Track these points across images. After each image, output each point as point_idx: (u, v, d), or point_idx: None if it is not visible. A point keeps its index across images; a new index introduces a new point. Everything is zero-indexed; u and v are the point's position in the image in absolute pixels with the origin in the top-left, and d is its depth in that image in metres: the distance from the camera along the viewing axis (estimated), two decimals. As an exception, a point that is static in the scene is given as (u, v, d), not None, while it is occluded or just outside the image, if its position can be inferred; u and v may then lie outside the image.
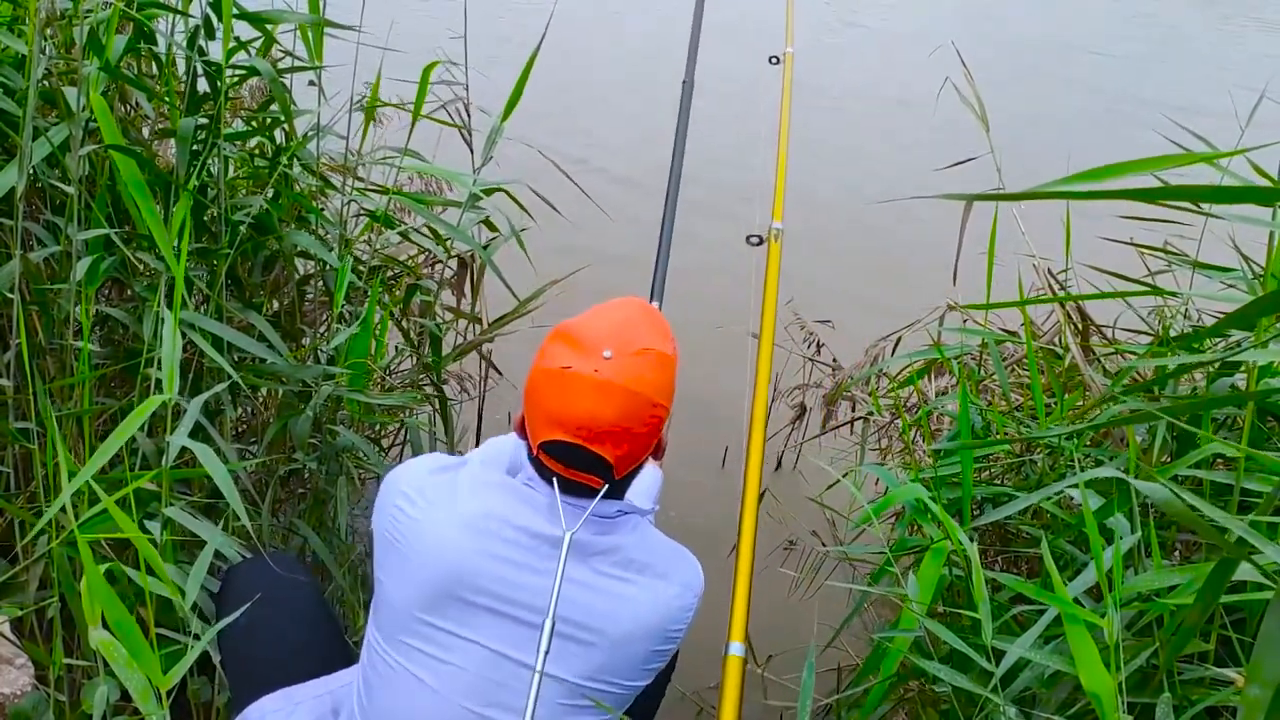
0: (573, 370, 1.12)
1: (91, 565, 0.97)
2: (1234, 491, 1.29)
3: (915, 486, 1.47)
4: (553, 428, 1.12)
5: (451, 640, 1.13)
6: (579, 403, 1.11)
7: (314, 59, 1.73)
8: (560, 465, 1.15)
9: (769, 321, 1.70)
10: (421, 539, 1.15)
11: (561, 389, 1.12)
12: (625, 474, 1.17)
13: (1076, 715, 1.20)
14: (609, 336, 1.15)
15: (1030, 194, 0.55)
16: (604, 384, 1.11)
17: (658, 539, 1.23)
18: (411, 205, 2.02)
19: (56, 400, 1.61)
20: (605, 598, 1.14)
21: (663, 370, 1.18)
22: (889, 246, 4.01)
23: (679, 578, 1.19)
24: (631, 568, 1.16)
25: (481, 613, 1.13)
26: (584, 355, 1.13)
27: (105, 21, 1.51)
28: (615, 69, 5.87)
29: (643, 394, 1.13)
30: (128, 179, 1.36)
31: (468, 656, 1.13)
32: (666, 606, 1.17)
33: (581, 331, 1.16)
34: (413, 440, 2.09)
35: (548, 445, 1.14)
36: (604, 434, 1.11)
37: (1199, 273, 1.67)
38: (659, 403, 1.16)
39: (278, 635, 1.38)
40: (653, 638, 1.16)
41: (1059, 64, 6.77)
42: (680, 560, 1.22)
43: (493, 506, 1.16)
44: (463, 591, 1.13)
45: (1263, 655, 0.51)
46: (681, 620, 1.19)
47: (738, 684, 1.14)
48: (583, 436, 1.11)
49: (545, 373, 1.15)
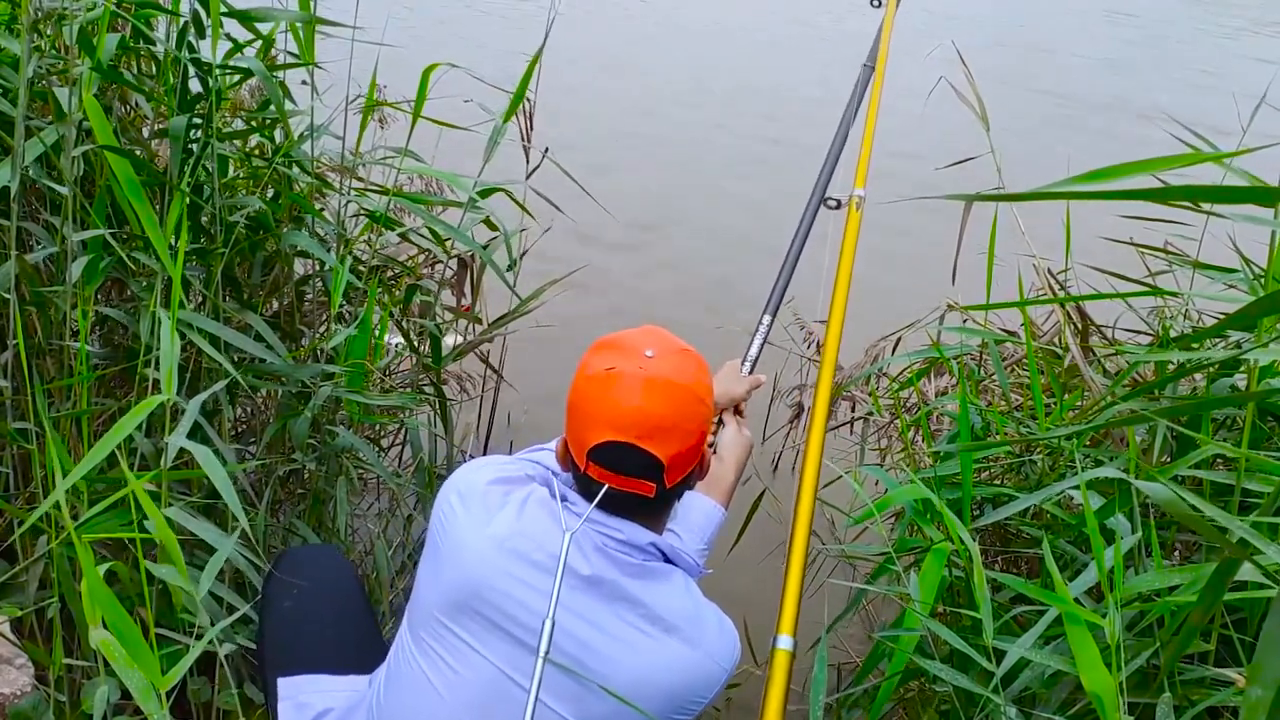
0: (618, 370, 1.12)
1: (90, 566, 0.97)
2: (1234, 492, 1.29)
3: (916, 487, 1.47)
4: (602, 429, 1.10)
5: (464, 649, 1.13)
6: (628, 399, 1.10)
7: (306, 57, 1.72)
8: (610, 473, 1.11)
9: (841, 293, 1.60)
10: (456, 543, 1.15)
11: (608, 389, 1.11)
12: (675, 484, 1.15)
13: (1077, 715, 1.20)
14: (648, 341, 1.16)
15: (1031, 195, 0.55)
16: (651, 379, 1.11)
17: (696, 602, 1.18)
18: (410, 206, 2.02)
19: (56, 401, 1.61)
20: (613, 643, 1.11)
21: (704, 371, 1.18)
22: (889, 246, 4.02)
23: (708, 649, 1.14)
24: (658, 625, 1.12)
25: (495, 630, 1.12)
26: (627, 357, 1.13)
27: (96, 21, 1.51)
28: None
29: (690, 388, 1.13)
30: (122, 179, 1.36)
31: (475, 670, 1.12)
32: (684, 675, 1.12)
33: (620, 339, 1.16)
34: (412, 440, 2.09)
35: (597, 452, 1.11)
36: (655, 430, 1.10)
37: (1199, 273, 1.67)
38: (704, 399, 1.15)
39: (326, 622, 1.39)
40: (666, 701, 1.12)
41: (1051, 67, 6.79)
42: (715, 631, 1.17)
43: (531, 528, 1.14)
44: (480, 606, 1.12)
45: (1264, 657, 0.51)
46: (703, 693, 1.14)
47: (784, 678, 1.10)
48: (634, 434, 1.09)
49: (589, 378, 1.13)
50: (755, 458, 2.69)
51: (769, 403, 2.78)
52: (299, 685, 1.31)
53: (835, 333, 1.55)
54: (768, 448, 2.81)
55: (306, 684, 1.31)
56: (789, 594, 1.21)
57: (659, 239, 4.17)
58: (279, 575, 1.41)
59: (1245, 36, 9.67)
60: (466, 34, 6.58)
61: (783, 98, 6.21)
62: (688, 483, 1.19)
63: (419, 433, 2.10)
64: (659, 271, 3.90)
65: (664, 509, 1.21)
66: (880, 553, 1.62)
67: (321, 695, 1.30)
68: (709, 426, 1.18)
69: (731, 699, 1.90)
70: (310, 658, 1.35)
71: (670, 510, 1.23)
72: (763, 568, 2.05)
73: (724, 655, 1.16)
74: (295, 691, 1.31)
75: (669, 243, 4.15)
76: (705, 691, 1.14)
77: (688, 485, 1.20)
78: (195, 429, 1.39)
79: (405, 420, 2.13)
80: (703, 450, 1.18)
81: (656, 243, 4.13)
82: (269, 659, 1.37)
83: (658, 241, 4.15)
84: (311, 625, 1.38)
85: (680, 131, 5.46)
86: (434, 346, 2.09)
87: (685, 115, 5.71)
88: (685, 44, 7.39)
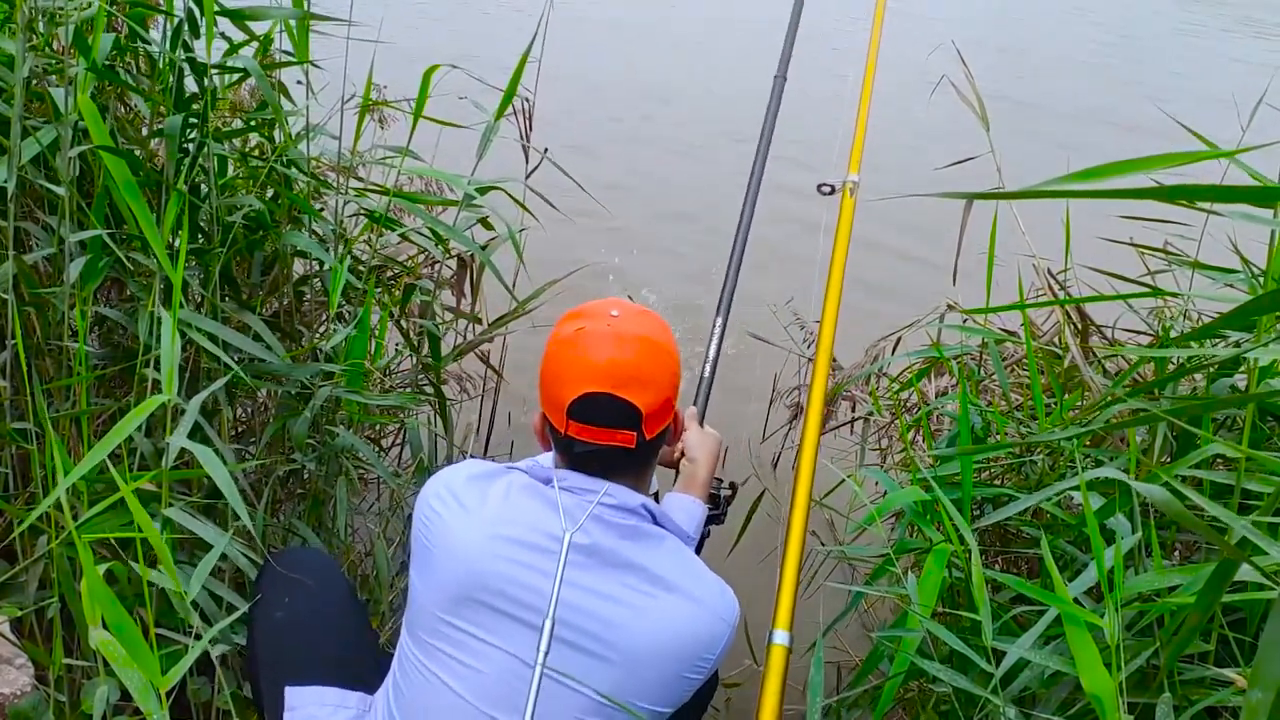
0: (586, 329, 1.16)
1: (90, 566, 0.97)
2: (1234, 492, 1.29)
3: (916, 490, 1.47)
4: (578, 383, 1.14)
5: (472, 642, 1.14)
6: (599, 351, 1.14)
7: (301, 56, 1.72)
8: (591, 427, 1.15)
9: (836, 279, 1.58)
10: (447, 541, 1.17)
11: (579, 347, 1.15)
12: (653, 438, 1.18)
13: (1076, 715, 1.20)
14: (612, 304, 1.21)
15: (1026, 193, 0.55)
16: (620, 333, 1.16)
17: (694, 565, 1.21)
18: (408, 206, 2.01)
19: (55, 401, 1.61)
20: (622, 609, 1.13)
21: (666, 331, 1.22)
22: (889, 245, 4.02)
23: (711, 605, 1.17)
24: (659, 585, 1.15)
25: (500, 617, 1.13)
26: (594, 319, 1.18)
27: (91, 20, 1.51)
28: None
29: (658, 341, 1.18)
30: (119, 179, 1.36)
31: (486, 660, 1.13)
32: (694, 632, 1.15)
33: (585, 307, 1.22)
34: (412, 440, 2.09)
35: (575, 406, 1.14)
36: (630, 379, 1.13)
37: (1199, 273, 1.66)
38: (672, 354, 1.19)
39: (319, 630, 1.39)
40: (677, 661, 1.14)
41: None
42: (716, 589, 1.19)
43: (519, 512, 1.16)
44: (482, 595, 1.13)
45: (1265, 659, 0.51)
46: (710, 650, 1.16)
47: (780, 674, 1.12)
48: (610, 384, 1.13)
49: (560, 342, 1.18)
50: (756, 458, 2.72)
51: (769, 403, 2.78)
52: (304, 696, 1.30)
53: (831, 319, 1.56)
54: (768, 448, 2.81)
55: (312, 696, 1.30)
56: (784, 589, 1.21)
57: (659, 238, 4.17)
58: (272, 575, 1.40)
59: (1230, 38, 9.68)
60: (467, 34, 6.58)
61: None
62: (663, 440, 1.22)
63: (419, 433, 2.10)
64: (660, 271, 3.90)
65: (646, 466, 1.25)
66: (879, 554, 1.62)
67: (324, 709, 1.29)
68: (678, 381, 1.21)
69: (731, 699, 1.90)
70: (312, 668, 1.34)
71: (651, 469, 1.27)
72: (762, 568, 2.05)
73: (726, 610, 1.18)
74: (302, 702, 1.30)
75: (669, 242, 4.15)
76: (713, 647, 1.17)
77: (663, 443, 1.23)
78: (195, 429, 1.39)
79: (405, 420, 2.13)
80: (674, 408, 1.22)
81: (656, 242, 4.13)
82: (265, 661, 1.36)
83: (658, 241, 4.14)
84: (305, 633, 1.38)
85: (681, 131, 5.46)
86: (433, 346, 2.09)
87: (685, 115, 5.71)
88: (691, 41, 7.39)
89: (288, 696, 1.29)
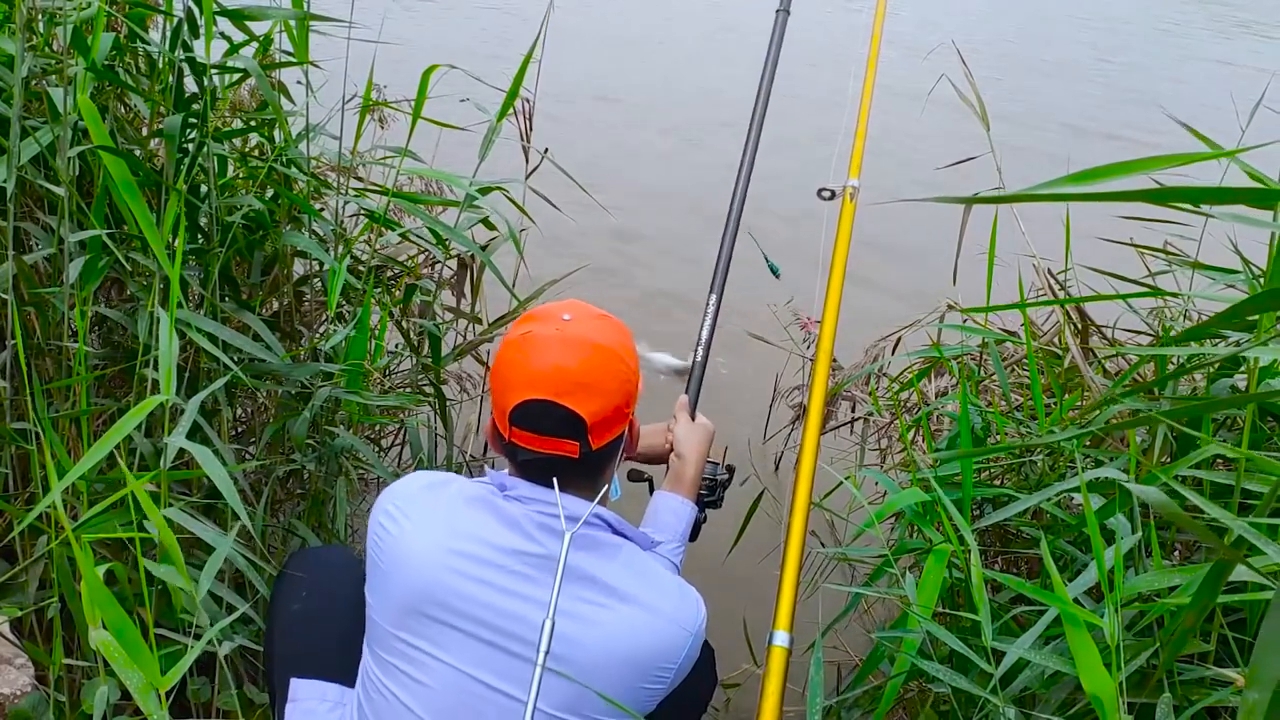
0: (534, 333, 1.13)
1: (89, 567, 0.97)
2: (1234, 493, 1.29)
3: (916, 490, 1.47)
4: (521, 389, 1.10)
5: (424, 658, 1.12)
6: (544, 357, 1.11)
7: (301, 56, 1.72)
8: (532, 434, 1.11)
9: (836, 283, 1.57)
10: (396, 555, 1.15)
11: (525, 351, 1.12)
12: (601, 448, 1.14)
13: (1076, 715, 1.20)
14: (566, 308, 1.17)
15: (1023, 196, 0.55)
16: (567, 338, 1.12)
17: (653, 572, 1.17)
18: (407, 207, 2.01)
19: (55, 401, 1.61)
20: (575, 623, 1.09)
21: (623, 336, 1.18)
22: (889, 245, 4.02)
23: (668, 614, 1.14)
24: (613, 596, 1.11)
25: (450, 631, 1.11)
26: (544, 322, 1.15)
27: (91, 20, 1.51)
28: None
29: (608, 347, 1.13)
30: (118, 179, 1.36)
31: (438, 676, 1.11)
32: (651, 642, 1.11)
33: (539, 309, 1.19)
34: (412, 440, 2.09)
35: (517, 413, 1.11)
36: (574, 386, 1.10)
37: (1199, 274, 1.66)
38: (625, 360, 1.15)
39: (330, 626, 1.37)
40: (633, 672, 1.11)
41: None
42: (675, 597, 1.16)
43: (467, 524, 1.14)
44: (431, 609, 1.11)
45: (1262, 659, 0.51)
46: (670, 659, 1.13)
47: (780, 675, 1.11)
48: (551, 391, 1.09)
49: (507, 344, 1.15)
50: (756, 458, 2.72)
51: (770, 403, 2.78)
52: (307, 689, 1.30)
53: (831, 321, 1.55)
54: (768, 448, 2.81)
55: (314, 690, 1.30)
56: (784, 590, 1.21)
57: (659, 237, 4.17)
58: (294, 569, 1.40)
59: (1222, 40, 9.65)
60: (467, 32, 6.58)
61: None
62: (615, 450, 1.18)
63: (419, 433, 2.10)
64: (660, 269, 3.90)
65: (597, 477, 1.19)
66: (879, 555, 1.62)
67: (324, 705, 1.29)
68: (633, 390, 1.17)
69: (731, 700, 1.90)
70: (318, 662, 1.33)
71: (604, 480, 1.21)
72: (762, 569, 2.05)
73: (687, 619, 1.15)
74: (305, 695, 1.30)
75: (668, 240, 4.15)
76: (672, 656, 1.13)
77: (616, 453, 1.19)
78: (194, 429, 1.39)
79: (405, 420, 2.13)
80: (629, 417, 1.18)
81: (656, 241, 4.13)
82: (278, 655, 1.36)
83: (657, 239, 4.14)
84: (317, 628, 1.37)
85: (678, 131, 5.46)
86: (433, 346, 2.09)
87: (684, 113, 5.71)
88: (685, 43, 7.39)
89: (291, 687, 1.29)
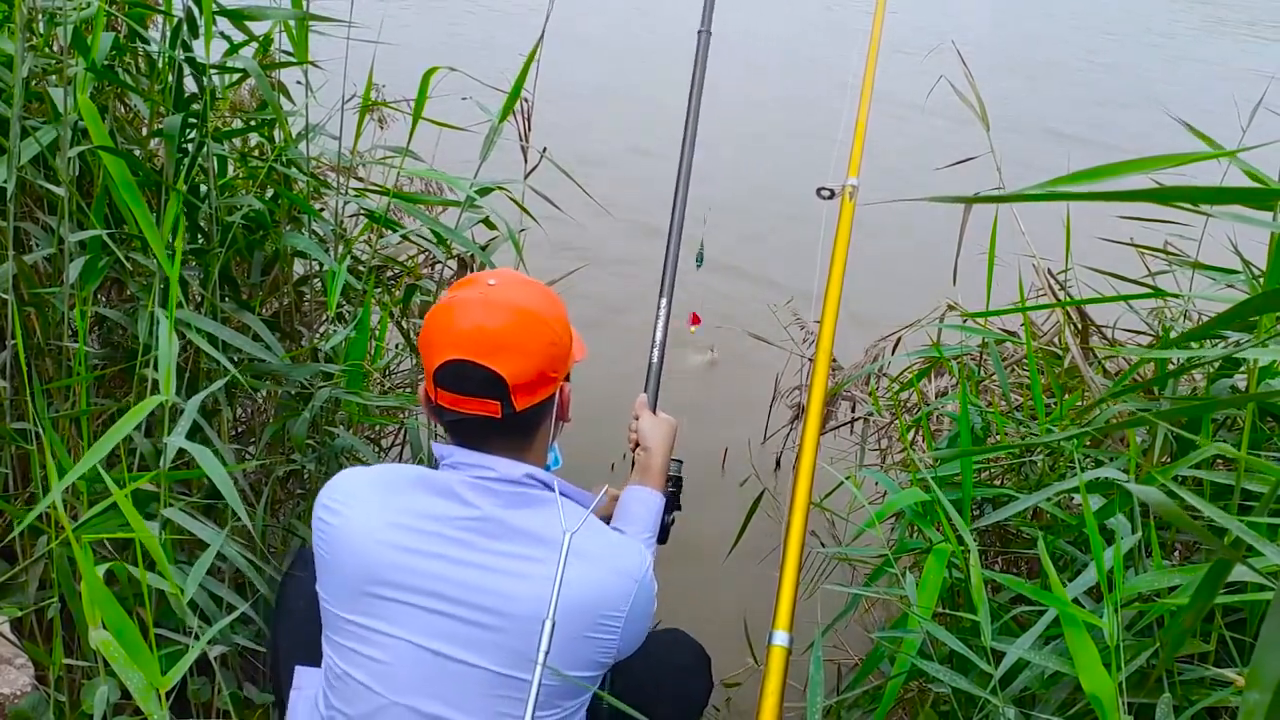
0: (459, 297, 1.16)
1: (89, 567, 0.97)
2: (1234, 493, 1.29)
3: (916, 490, 1.47)
4: (443, 350, 1.13)
5: (378, 637, 1.13)
6: (466, 318, 1.13)
7: (300, 56, 1.72)
8: (454, 394, 1.13)
9: (835, 283, 1.57)
10: (338, 544, 1.16)
11: (449, 314, 1.14)
12: (526, 410, 1.15)
13: (1076, 715, 1.20)
14: (494, 274, 1.19)
15: (1020, 196, 0.55)
16: (490, 300, 1.14)
17: (591, 524, 1.16)
18: (407, 207, 2.01)
19: (55, 401, 1.61)
20: (509, 579, 1.11)
21: (550, 302, 1.19)
22: (889, 245, 4.01)
23: (608, 561, 1.15)
24: (545, 546, 1.12)
25: (398, 606, 1.12)
26: (470, 287, 1.17)
27: (90, 20, 1.51)
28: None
29: (531, 310, 1.15)
30: (118, 179, 1.36)
31: (394, 652, 1.12)
32: (585, 589, 1.11)
33: (469, 276, 1.21)
34: (412, 441, 2.09)
35: (440, 373, 1.13)
36: (495, 348, 1.11)
37: (1199, 274, 1.66)
38: (549, 324, 1.16)
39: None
40: (574, 622, 1.10)
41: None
42: (614, 545, 1.18)
43: (401, 500, 1.16)
44: (377, 588, 1.13)
45: (1262, 660, 0.51)
46: (616, 606, 1.13)
47: (780, 674, 1.12)
48: (472, 351, 1.11)
49: (435, 308, 1.17)
50: (756, 458, 2.72)
51: (770, 403, 2.78)
52: (312, 677, 1.30)
53: (831, 321, 1.55)
54: (768, 448, 2.81)
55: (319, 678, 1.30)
56: (784, 590, 1.21)
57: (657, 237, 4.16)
58: (301, 565, 1.40)
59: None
60: (467, 33, 6.57)
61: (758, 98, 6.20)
62: (542, 413, 1.19)
63: (419, 433, 2.10)
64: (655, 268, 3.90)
65: (527, 439, 1.20)
66: (879, 555, 1.62)
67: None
68: (560, 353, 1.18)
69: (731, 699, 1.90)
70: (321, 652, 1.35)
71: (535, 442, 1.22)
72: (762, 569, 2.05)
73: (628, 566, 1.15)
74: (309, 682, 1.31)
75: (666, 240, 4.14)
76: (618, 604, 1.13)
77: (543, 417, 1.20)
78: (194, 429, 1.39)
79: (405, 420, 2.13)
80: (556, 381, 1.19)
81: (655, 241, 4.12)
82: (284, 647, 1.37)
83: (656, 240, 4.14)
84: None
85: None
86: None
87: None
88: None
89: (296, 675, 1.30)
